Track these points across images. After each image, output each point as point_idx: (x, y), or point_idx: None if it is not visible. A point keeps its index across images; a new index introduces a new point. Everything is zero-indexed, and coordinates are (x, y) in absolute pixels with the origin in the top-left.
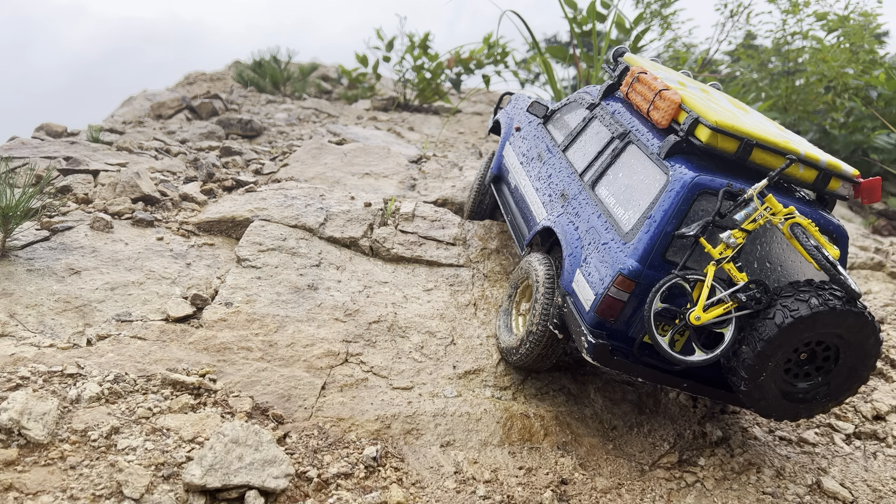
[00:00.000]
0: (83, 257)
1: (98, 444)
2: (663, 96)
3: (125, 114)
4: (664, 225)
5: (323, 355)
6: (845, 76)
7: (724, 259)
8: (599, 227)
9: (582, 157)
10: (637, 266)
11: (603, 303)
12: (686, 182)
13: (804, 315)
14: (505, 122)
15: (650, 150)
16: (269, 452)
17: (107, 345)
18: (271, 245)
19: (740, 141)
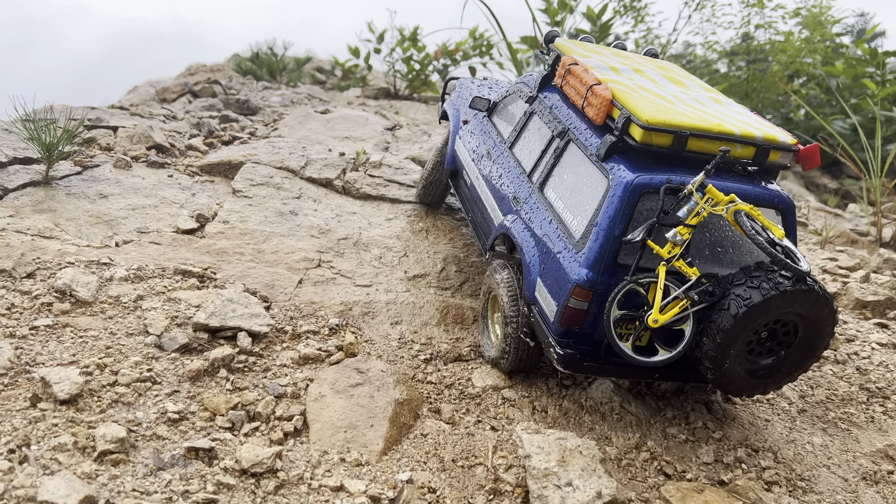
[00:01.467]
0: (109, 186)
1: (128, 305)
2: (595, 92)
3: (131, 98)
4: (611, 231)
5: (300, 260)
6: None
7: (674, 257)
8: (552, 235)
9: (528, 155)
10: (591, 275)
11: (564, 314)
12: (627, 185)
13: (757, 302)
14: (452, 113)
15: (589, 150)
16: (256, 310)
17: (130, 247)
18: (260, 181)
19: (674, 134)
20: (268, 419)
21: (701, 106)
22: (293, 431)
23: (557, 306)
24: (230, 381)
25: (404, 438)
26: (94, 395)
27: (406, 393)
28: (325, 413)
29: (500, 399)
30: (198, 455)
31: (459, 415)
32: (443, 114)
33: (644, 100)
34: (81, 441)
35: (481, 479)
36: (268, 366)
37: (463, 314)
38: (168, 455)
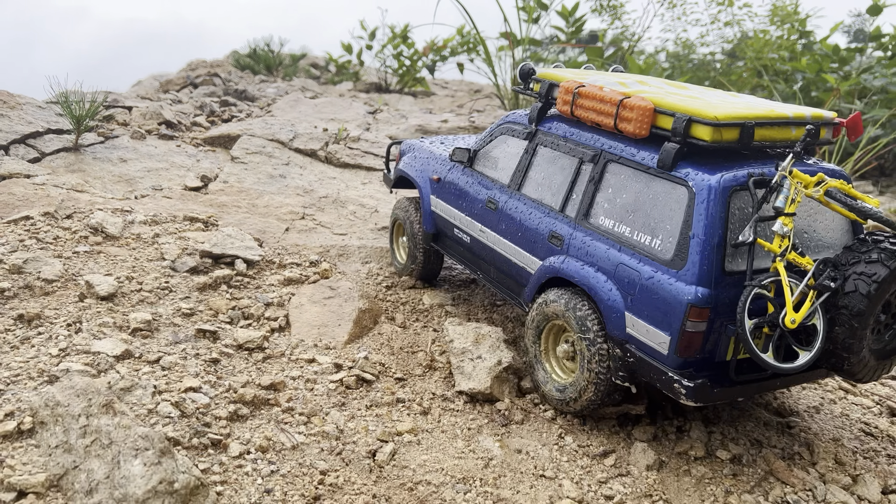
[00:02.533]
0: (128, 153)
1: (147, 240)
2: (629, 106)
3: (137, 90)
4: (711, 239)
5: (288, 213)
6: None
7: (786, 250)
8: (630, 262)
9: (548, 191)
10: (704, 291)
11: (682, 341)
12: (715, 188)
13: (885, 275)
14: (417, 176)
15: (645, 165)
16: (250, 244)
17: (147, 200)
18: (255, 150)
19: (741, 126)
20: (258, 318)
21: (729, 99)
22: (278, 328)
23: (670, 335)
24: (229, 293)
25: (365, 335)
26: (126, 296)
27: (368, 304)
28: (304, 316)
29: (443, 312)
30: (205, 335)
31: (410, 322)
32: (395, 181)
33: (690, 100)
34: (119, 321)
35: (420, 359)
36: (259, 284)
37: None
38: (182, 334)
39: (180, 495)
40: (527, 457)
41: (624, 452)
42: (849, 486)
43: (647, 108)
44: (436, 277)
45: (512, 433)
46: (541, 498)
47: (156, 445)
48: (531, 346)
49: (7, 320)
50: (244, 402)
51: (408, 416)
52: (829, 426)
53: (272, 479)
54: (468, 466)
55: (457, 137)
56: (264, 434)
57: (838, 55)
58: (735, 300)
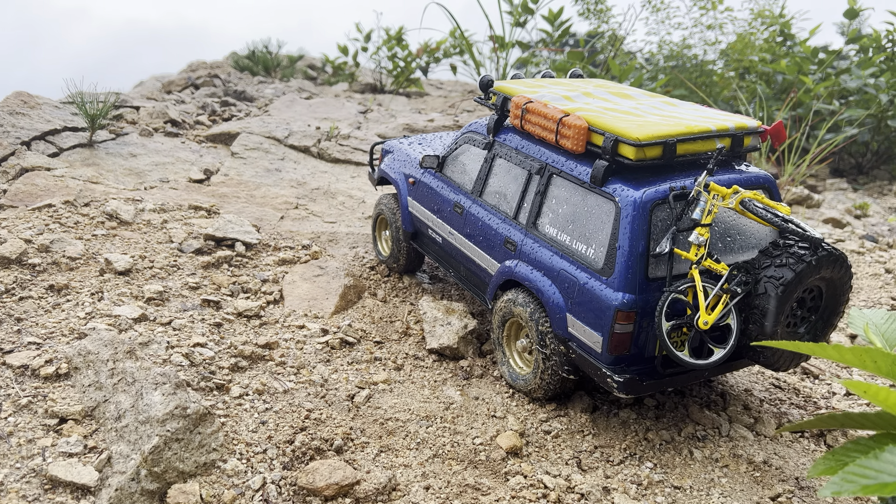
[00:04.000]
0: (137, 149)
1: (157, 225)
2: (567, 124)
3: (139, 91)
4: (635, 249)
5: (283, 203)
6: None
7: (702, 257)
8: (570, 269)
9: (504, 199)
10: (629, 297)
11: (612, 341)
12: (637, 203)
13: (790, 278)
14: (397, 177)
15: (581, 179)
16: (248, 228)
17: (155, 190)
18: (253, 146)
19: (664, 145)
20: (256, 292)
21: (664, 112)
22: (273, 301)
23: (602, 336)
24: (230, 271)
25: (350, 308)
26: (139, 273)
27: (353, 282)
28: (295, 291)
29: (420, 290)
30: (209, 304)
31: (390, 297)
32: (379, 179)
33: (621, 120)
34: (135, 292)
35: (398, 327)
36: (256, 264)
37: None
38: (190, 303)
39: (192, 419)
40: (482, 402)
41: (565, 399)
42: (750, 425)
43: (582, 127)
44: (417, 270)
45: (472, 385)
46: (489, 431)
47: (171, 380)
48: (496, 333)
49: (40, 289)
50: (243, 356)
51: (383, 370)
52: (743, 380)
53: (266, 414)
54: (432, 409)
55: (436, 136)
56: (260, 381)
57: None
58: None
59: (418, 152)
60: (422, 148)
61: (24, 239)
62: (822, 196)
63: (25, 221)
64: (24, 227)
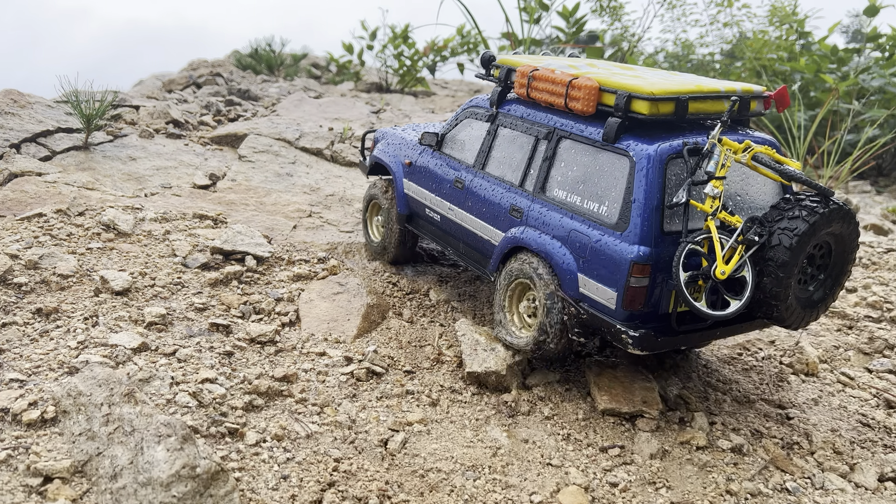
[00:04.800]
0: (136, 152)
1: (158, 237)
2: (577, 86)
3: (139, 90)
4: (650, 203)
5: (295, 211)
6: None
7: (717, 209)
8: (581, 227)
9: (509, 168)
10: (645, 249)
11: (627, 295)
12: (652, 157)
13: (805, 229)
14: (390, 161)
15: (593, 139)
16: (259, 240)
17: (157, 197)
18: (262, 149)
19: (676, 101)
20: (269, 313)
21: (671, 78)
22: (288, 322)
23: (617, 291)
24: (240, 288)
25: (373, 330)
26: (140, 291)
27: (376, 300)
28: (313, 311)
29: (449, 308)
30: (218, 329)
31: (417, 317)
32: (371, 168)
33: (631, 78)
34: (134, 315)
35: (428, 353)
36: (269, 280)
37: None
38: (196, 328)
39: (202, 480)
40: (533, 446)
41: (628, 443)
42: (846, 473)
43: (593, 87)
44: (409, 260)
45: (519, 423)
46: (548, 485)
47: (178, 432)
48: (499, 296)
49: (26, 314)
50: (259, 392)
51: (417, 406)
52: (826, 417)
53: (288, 465)
54: (477, 455)
55: (427, 124)
56: (279, 423)
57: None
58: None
59: (413, 136)
60: (415, 133)
61: (9, 254)
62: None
63: (12, 233)
64: (11, 240)
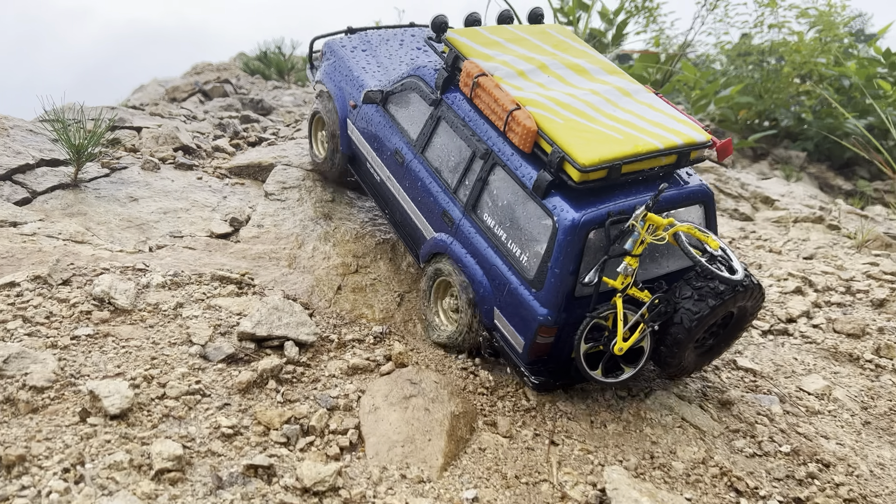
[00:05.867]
0: (139, 189)
1: (168, 312)
2: (517, 120)
3: (140, 97)
4: (566, 270)
5: (338, 265)
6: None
7: (627, 286)
8: (502, 267)
9: (446, 168)
10: (554, 314)
11: (533, 349)
12: (575, 226)
13: (705, 314)
14: (335, 93)
15: (524, 182)
16: (302, 318)
17: (165, 252)
18: (293, 184)
19: (609, 168)
20: (322, 433)
21: (617, 111)
22: (349, 446)
23: (525, 342)
24: (280, 393)
25: (462, 453)
26: (144, 410)
27: (461, 405)
28: (381, 426)
29: (556, 412)
30: (256, 472)
31: (516, 428)
32: (318, 82)
33: (570, 130)
34: (137, 459)
35: (547, 496)
36: (317, 376)
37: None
38: (226, 473)
39: None
40: None
41: None
42: None
43: (531, 129)
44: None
45: None
46: None
47: None
48: (426, 285)
49: None
50: None
51: None
52: None
53: None
54: None
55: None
56: None
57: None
58: (582, 318)
59: (361, 66)
60: (366, 58)
61: None
62: None
63: None
64: None
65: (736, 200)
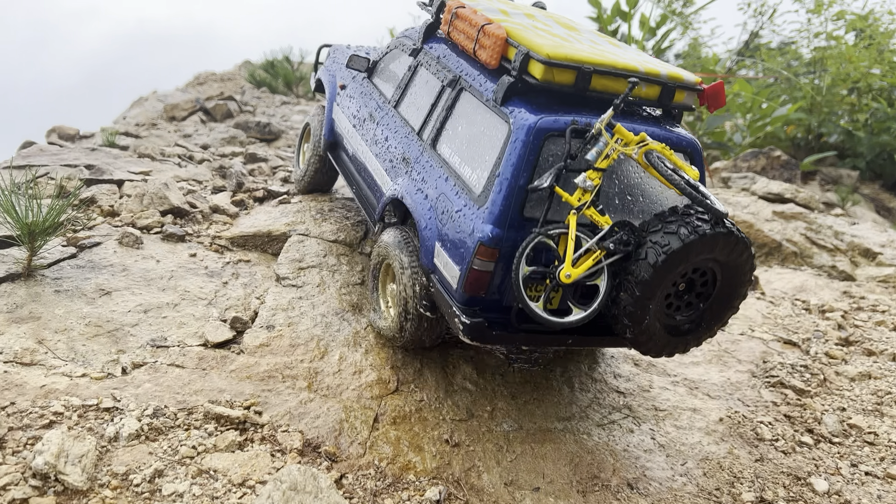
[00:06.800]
0: (113, 276)
1: (141, 488)
2: (486, 32)
3: (137, 115)
4: (515, 180)
5: (373, 384)
6: (870, 77)
7: (584, 205)
8: (450, 193)
9: (416, 112)
10: (496, 231)
11: (469, 278)
12: (530, 128)
13: (677, 248)
14: (328, 80)
15: (485, 96)
16: (331, 499)
17: (143, 374)
18: (312, 262)
19: (577, 70)
20: None
21: (599, 46)
22: None
23: (461, 270)
24: None
25: None
26: None
27: None
28: None
29: None
30: None
31: None
32: (317, 84)
33: (542, 36)
34: None
35: None
36: None
37: (601, 463)
38: None
39: None
40: None
41: None
42: None
43: (500, 37)
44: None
45: None
46: None
47: None
48: (371, 272)
49: None
50: None
51: None
52: None
53: None
54: None
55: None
56: None
57: None
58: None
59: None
60: (366, 49)
61: None
62: None
63: None
64: None
65: (832, 254)
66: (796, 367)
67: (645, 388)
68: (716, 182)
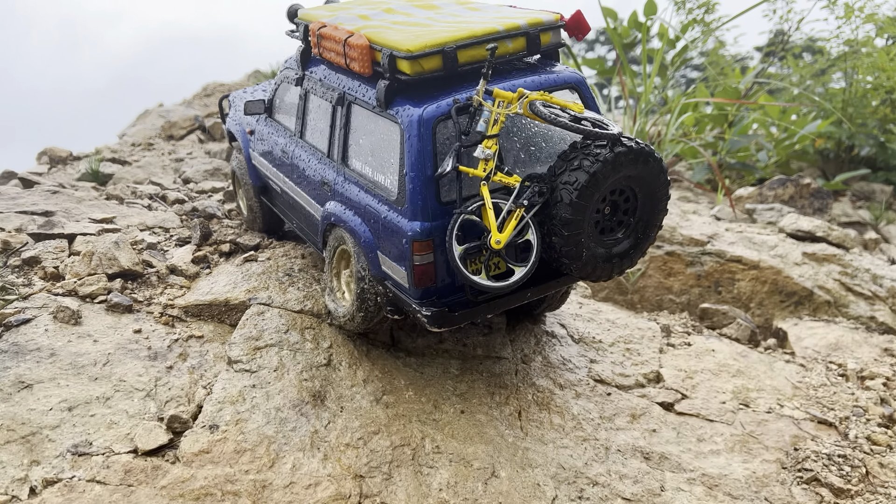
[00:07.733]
0: (38, 364)
1: None
2: (350, 44)
3: (137, 133)
4: (423, 173)
5: (330, 500)
6: None
7: (491, 172)
8: (372, 203)
9: (320, 136)
10: (423, 225)
11: (415, 274)
12: (418, 121)
13: (585, 181)
14: (237, 130)
15: (371, 104)
16: None
17: (55, 495)
18: (270, 340)
19: (442, 54)
20: None
21: (459, 19)
22: None
23: (405, 270)
24: None
25: None
26: None
27: None
28: None
29: None
30: None
31: None
32: (229, 135)
33: (399, 32)
34: None
35: None
36: None
37: None
38: None
39: None
40: None
41: None
42: None
43: (363, 46)
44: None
45: None
46: None
47: None
48: (327, 262)
49: None
50: None
51: None
52: None
53: None
54: None
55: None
56: None
57: None
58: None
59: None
60: (263, 94)
61: None
62: None
63: None
64: None
65: (870, 303)
66: (833, 457)
67: (655, 493)
68: (739, 215)
